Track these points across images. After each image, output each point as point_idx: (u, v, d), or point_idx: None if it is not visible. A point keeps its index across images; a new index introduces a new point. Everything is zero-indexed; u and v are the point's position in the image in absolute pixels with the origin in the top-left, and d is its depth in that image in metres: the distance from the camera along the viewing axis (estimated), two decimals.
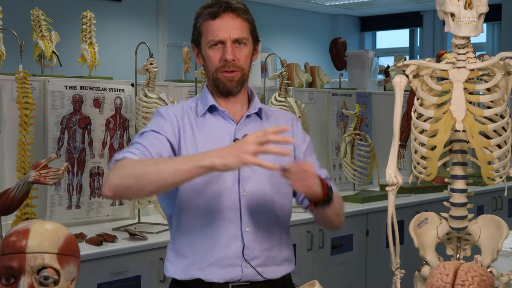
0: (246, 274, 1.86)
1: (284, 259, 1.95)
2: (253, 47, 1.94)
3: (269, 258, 1.90)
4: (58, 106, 3.07)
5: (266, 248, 1.89)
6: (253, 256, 1.87)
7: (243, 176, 1.88)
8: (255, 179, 1.89)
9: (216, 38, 1.86)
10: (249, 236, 1.87)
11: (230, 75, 1.87)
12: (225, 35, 1.85)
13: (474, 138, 1.83)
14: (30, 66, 3.00)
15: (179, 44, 3.88)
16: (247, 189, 1.88)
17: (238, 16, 1.87)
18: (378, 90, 4.83)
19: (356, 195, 4.02)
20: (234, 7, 1.86)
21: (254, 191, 1.89)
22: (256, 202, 1.88)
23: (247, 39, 1.89)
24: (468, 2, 1.85)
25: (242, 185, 1.88)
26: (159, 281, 2.83)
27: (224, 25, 1.85)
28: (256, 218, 1.88)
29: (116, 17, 8.83)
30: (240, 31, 1.87)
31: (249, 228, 1.87)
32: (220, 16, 1.86)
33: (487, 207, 4.59)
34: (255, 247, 1.87)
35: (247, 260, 1.86)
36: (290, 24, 11.31)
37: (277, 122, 1.99)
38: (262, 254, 1.89)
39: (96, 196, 3.22)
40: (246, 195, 1.88)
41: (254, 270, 1.86)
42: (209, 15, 1.87)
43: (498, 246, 1.88)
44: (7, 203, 2.44)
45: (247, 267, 1.86)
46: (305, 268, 3.46)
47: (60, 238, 1.34)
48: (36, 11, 3.16)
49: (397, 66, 1.99)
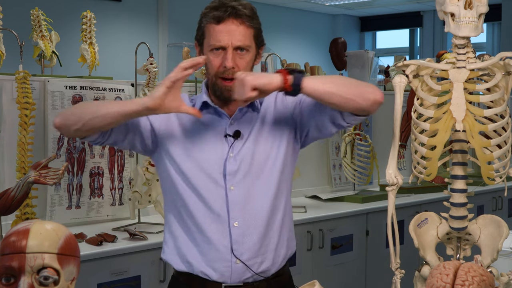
0: (236, 270, 1.87)
1: (279, 244, 1.94)
2: (256, 52, 1.92)
3: (260, 249, 1.90)
4: (58, 106, 3.07)
5: (256, 241, 1.89)
6: (243, 250, 1.87)
7: (229, 170, 1.88)
8: (242, 172, 1.89)
9: (217, 43, 1.84)
10: (236, 231, 1.87)
11: (229, 84, 1.85)
12: (227, 42, 1.84)
13: (474, 138, 1.83)
14: (30, 66, 3.00)
15: (179, 44, 3.88)
16: (234, 183, 1.88)
17: (243, 23, 1.85)
18: None
19: (356, 195, 4.02)
20: (239, 13, 1.84)
21: (241, 186, 1.88)
22: (243, 195, 1.88)
23: (250, 47, 1.87)
24: (468, 2, 1.85)
25: (228, 179, 1.88)
26: (159, 281, 2.83)
27: (227, 32, 1.83)
28: (244, 211, 1.88)
29: (116, 17, 8.83)
30: (243, 39, 1.85)
31: (237, 223, 1.87)
32: (224, 22, 1.84)
33: (487, 207, 4.59)
34: (244, 241, 1.87)
35: (236, 255, 1.86)
36: (290, 24, 11.31)
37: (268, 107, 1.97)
38: (253, 247, 1.88)
39: (96, 196, 3.22)
40: (233, 189, 1.88)
41: (244, 265, 1.86)
42: (213, 19, 1.85)
43: (498, 246, 1.88)
44: (7, 203, 2.44)
45: (237, 263, 1.86)
46: (305, 268, 3.46)
47: (60, 238, 1.34)
48: (36, 11, 3.16)
49: (397, 66, 1.99)
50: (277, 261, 1.94)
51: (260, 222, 1.90)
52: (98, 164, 3.23)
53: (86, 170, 3.18)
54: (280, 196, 1.95)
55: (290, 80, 1.73)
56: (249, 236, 1.88)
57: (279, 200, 1.94)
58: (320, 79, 1.79)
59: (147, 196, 3.10)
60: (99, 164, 3.23)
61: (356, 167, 4.11)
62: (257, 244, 1.89)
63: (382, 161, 4.00)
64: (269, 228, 1.92)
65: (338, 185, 4.33)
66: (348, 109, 1.79)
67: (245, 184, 1.89)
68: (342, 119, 1.85)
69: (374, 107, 1.78)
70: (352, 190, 4.22)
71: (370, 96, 1.76)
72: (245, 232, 1.88)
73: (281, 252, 1.96)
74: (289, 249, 1.99)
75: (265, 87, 1.72)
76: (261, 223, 1.90)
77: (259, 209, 1.90)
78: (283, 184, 1.96)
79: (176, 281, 1.98)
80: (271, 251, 1.92)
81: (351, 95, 1.75)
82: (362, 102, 1.76)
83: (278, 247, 1.94)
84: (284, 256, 1.98)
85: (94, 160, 3.22)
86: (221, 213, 1.87)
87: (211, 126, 1.92)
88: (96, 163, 3.23)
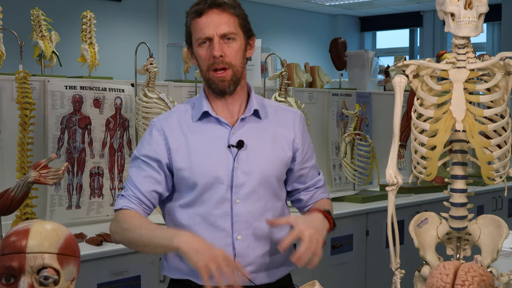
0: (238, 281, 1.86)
1: (281, 261, 1.94)
2: (245, 42, 1.90)
3: (263, 264, 1.88)
4: (58, 106, 3.07)
5: (260, 255, 1.88)
6: (246, 263, 1.85)
7: (236, 182, 1.86)
8: (249, 184, 1.87)
9: (202, 35, 1.84)
10: (240, 244, 1.85)
11: (221, 75, 1.84)
12: (211, 32, 1.83)
13: (474, 138, 1.83)
14: (30, 66, 3.00)
15: (179, 44, 3.88)
16: (240, 196, 1.86)
17: (224, 11, 1.84)
18: (378, 90, 4.83)
19: (356, 195, 4.02)
20: (219, 2, 1.84)
21: (248, 198, 1.86)
22: (249, 208, 1.86)
23: (236, 34, 1.86)
24: (468, 2, 1.85)
25: (235, 192, 1.86)
26: (159, 281, 2.83)
27: (210, 22, 1.83)
28: (249, 225, 1.86)
29: (116, 17, 8.84)
30: (227, 26, 1.84)
31: (240, 236, 1.86)
32: (206, 13, 1.84)
33: (487, 207, 4.59)
34: (248, 254, 1.86)
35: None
36: (290, 24, 11.31)
37: (279, 121, 1.97)
38: (256, 261, 1.87)
39: (96, 196, 3.22)
40: (239, 202, 1.86)
41: (246, 279, 1.83)
42: (195, 13, 1.85)
43: (498, 246, 1.88)
44: (7, 203, 2.44)
45: (238, 275, 1.85)
46: (305, 268, 3.45)
47: (60, 238, 1.34)
48: (36, 11, 3.16)
49: (397, 66, 1.99)
50: (280, 276, 1.94)
51: (264, 236, 1.89)
52: (98, 164, 3.23)
53: (86, 170, 3.18)
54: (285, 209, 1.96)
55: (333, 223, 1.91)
56: (253, 250, 1.87)
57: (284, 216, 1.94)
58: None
59: None
60: (99, 164, 3.23)
61: (356, 167, 4.11)
62: (260, 259, 1.88)
63: (382, 161, 4.00)
64: (274, 243, 1.90)
65: (338, 185, 4.33)
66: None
67: (251, 197, 1.87)
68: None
69: None
70: (352, 190, 4.22)
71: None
72: (249, 245, 1.86)
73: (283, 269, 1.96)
74: (291, 266, 1.98)
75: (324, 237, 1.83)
76: (266, 237, 1.89)
77: (264, 224, 1.88)
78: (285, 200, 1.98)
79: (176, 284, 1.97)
80: (274, 266, 1.92)
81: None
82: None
83: (281, 263, 1.94)
84: (286, 273, 1.97)
85: (94, 160, 3.22)
86: (225, 227, 1.85)
87: (214, 136, 1.89)
88: (96, 163, 3.23)
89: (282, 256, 1.94)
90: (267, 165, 1.90)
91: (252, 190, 1.87)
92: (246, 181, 1.86)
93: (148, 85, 3.14)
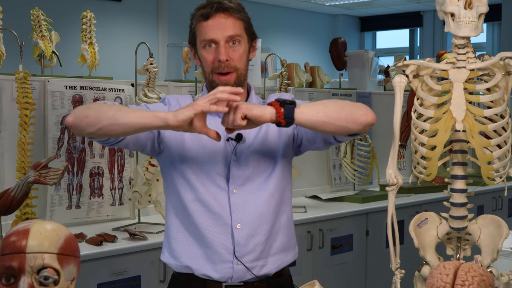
0: (237, 271, 1.87)
1: (280, 248, 1.94)
2: (249, 45, 1.93)
3: (263, 251, 1.90)
4: (58, 106, 3.07)
5: (259, 243, 1.89)
6: (245, 252, 1.88)
7: (232, 173, 1.88)
8: (245, 175, 1.89)
9: (208, 37, 1.86)
10: (239, 232, 1.87)
11: (225, 78, 1.86)
12: (218, 35, 1.85)
13: (474, 138, 1.83)
14: (30, 66, 3.00)
15: (179, 44, 3.88)
16: (237, 186, 1.89)
17: (230, 15, 1.87)
18: (378, 90, 4.83)
19: (356, 195, 4.02)
20: (225, 7, 1.86)
21: (244, 188, 1.89)
22: (246, 197, 1.89)
23: (241, 37, 1.88)
24: (468, 2, 1.85)
25: (231, 182, 1.88)
26: (159, 281, 2.83)
27: (216, 25, 1.85)
28: (248, 214, 1.88)
29: (116, 17, 8.84)
30: (233, 30, 1.86)
31: (240, 225, 1.88)
32: (212, 17, 1.86)
33: (487, 207, 4.59)
34: (247, 243, 1.88)
35: (237, 257, 1.87)
36: (290, 24, 11.31)
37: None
38: (255, 249, 1.89)
39: (96, 196, 3.22)
40: (236, 192, 1.88)
41: (245, 267, 1.87)
42: (201, 16, 1.87)
43: (498, 246, 1.88)
44: (7, 203, 2.44)
45: (238, 264, 1.87)
46: (305, 268, 3.46)
47: (60, 238, 1.34)
48: (36, 11, 3.16)
49: (397, 66, 1.99)
50: (279, 266, 1.95)
51: (263, 224, 1.90)
52: (98, 164, 3.23)
53: (86, 170, 3.18)
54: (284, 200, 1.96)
55: (282, 114, 1.71)
56: (252, 238, 1.88)
57: (282, 204, 1.95)
58: (312, 108, 1.76)
59: (147, 196, 3.10)
60: (99, 164, 3.23)
61: (356, 167, 4.11)
62: (260, 247, 1.89)
63: (382, 161, 4.00)
64: (272, 231, 1.92)
65: (338, 185, 4.33)
66: (341, 134, 1.81)
67: (248, 187, 1.89)
68: (333, 139, 1.87)
69: (366, 129, 1.80)
70: (352, 190, 4.22)
71: (362, 120, 1.76)
72: (248, 234, 1.88)
73: (283, 257, 1.96)
74: (290, 255, 1.99)
75: (256, 119, 1.69)
76: (265, 225, 1.90)
77: (263, 212, 1.90)
78: (286, 190, 1.97)
79: (176, 281, 1.98)
80: (273, 255, 1.93)
81: (344, 121, 1.75)
82: (354, 127, 1.77)
83: (280, 251, 1.95)
84: (286, 262, 1.97)
85: (94, 160, 3.22)
86: (223, 215, 1.87)
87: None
88: (96, 163, 3.23)
89: (282, 243, 1.95)
90: (264, 158, 1.92)
91: (248, 181, 1.89)
92: (243, 172, 1.89)
93: (148, 85, 3.14)
